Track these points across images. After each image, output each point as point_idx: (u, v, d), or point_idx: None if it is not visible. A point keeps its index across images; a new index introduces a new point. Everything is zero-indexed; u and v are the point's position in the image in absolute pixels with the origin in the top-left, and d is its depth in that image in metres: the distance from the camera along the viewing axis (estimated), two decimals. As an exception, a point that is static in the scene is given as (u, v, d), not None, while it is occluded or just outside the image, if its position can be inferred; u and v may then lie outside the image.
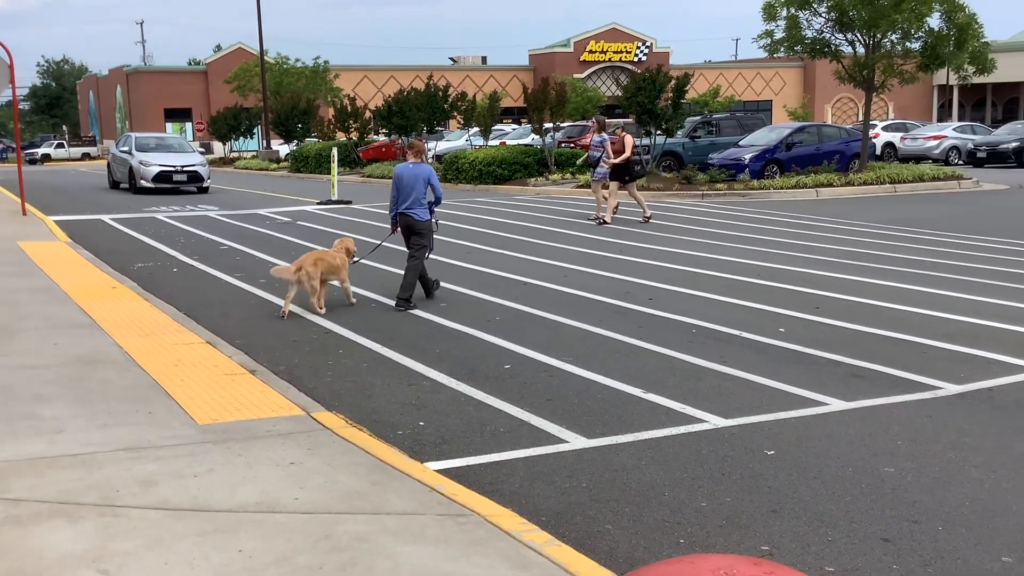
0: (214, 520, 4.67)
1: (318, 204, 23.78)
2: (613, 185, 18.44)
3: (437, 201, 10.93)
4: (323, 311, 10.09)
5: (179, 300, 10.79)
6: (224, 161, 47.90)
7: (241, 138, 49.68)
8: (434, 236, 11.09)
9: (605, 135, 18.86)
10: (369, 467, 5.40)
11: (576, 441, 6.12)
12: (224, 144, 50.40)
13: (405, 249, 10.90)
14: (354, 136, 38.10)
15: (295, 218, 20.54)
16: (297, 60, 52.90)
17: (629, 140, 18.60)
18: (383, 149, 38.50)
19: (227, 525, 4.62)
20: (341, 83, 53.36)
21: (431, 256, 11.15)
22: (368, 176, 34.49)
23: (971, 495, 5.21)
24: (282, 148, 46.50)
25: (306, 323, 9.72)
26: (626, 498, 5.22)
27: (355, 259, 11.01)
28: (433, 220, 10.89)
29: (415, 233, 10.74)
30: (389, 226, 11.17)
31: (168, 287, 11.81)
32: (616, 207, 18.80)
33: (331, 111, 41.40)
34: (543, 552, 4.31)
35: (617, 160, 18.33)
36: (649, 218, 18.47)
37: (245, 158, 47.82)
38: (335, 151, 26.41)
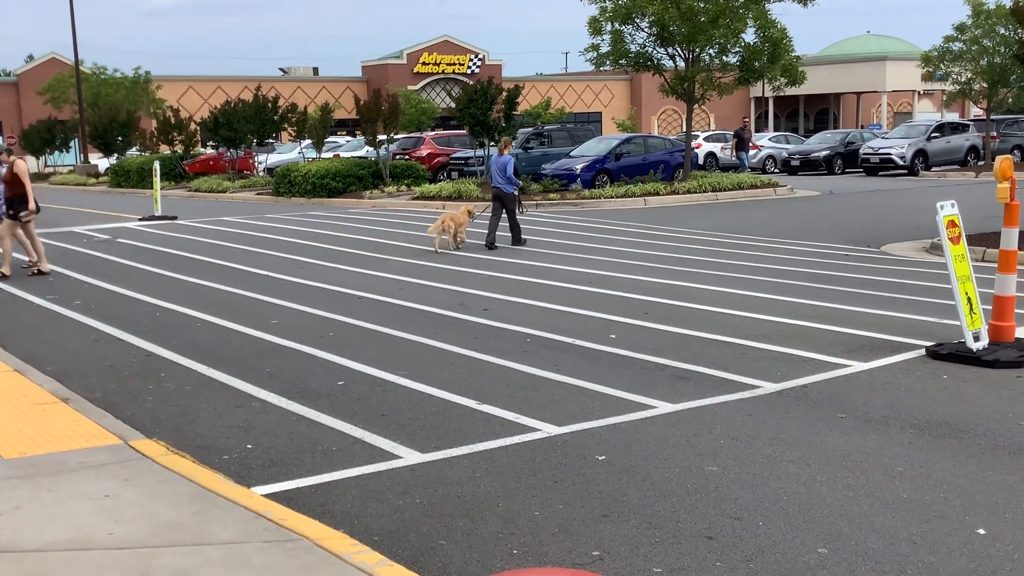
0: (21, 561, 4.36)
1: (140, 220, 22.79)
2: (6, 224, 14.10)
3: (511, 180, 16.59)
4: (460, 246, 16.26)
5: (-16, 326, 10.08)
6: (38, 177, 45.23)
7: (56, 152, 47.13)
8: (519, 200, 17.30)
9: (4, 162, 14.24)
10: (191, 496, 5.16)
11: (410, 456, 6.04)
12: (38, 159, 47.65)
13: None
14: (179, 149, 36.74)
15: (115, 235, 19.60)
16: (116, 70, 50.57)
17: (22, 167, 13.96)
18: (211, 162, 37.32)
19: (35, 566, 4.32)
20: (164, 94, 51.30)
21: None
22: (196, 190, 33.31)
23: (788, 489, 5.45)
24: (101, 162, 44.37)
25: (125, 346, 9.25)
26: (460, 512, 5.19)
27: (474, 218, 16.85)
28: (515, 191, 16.80)
29: (504, 200, 16.61)
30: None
31: (-28, 312, 11.03)
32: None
33: (154, 123, 39.75)
34: (374, 573, 4.23)
35: (7, 195, 14.09)
36: (42, 272, 14.17)
37: (61, 173, 45.38)
38: (157, 164, 25.34)
